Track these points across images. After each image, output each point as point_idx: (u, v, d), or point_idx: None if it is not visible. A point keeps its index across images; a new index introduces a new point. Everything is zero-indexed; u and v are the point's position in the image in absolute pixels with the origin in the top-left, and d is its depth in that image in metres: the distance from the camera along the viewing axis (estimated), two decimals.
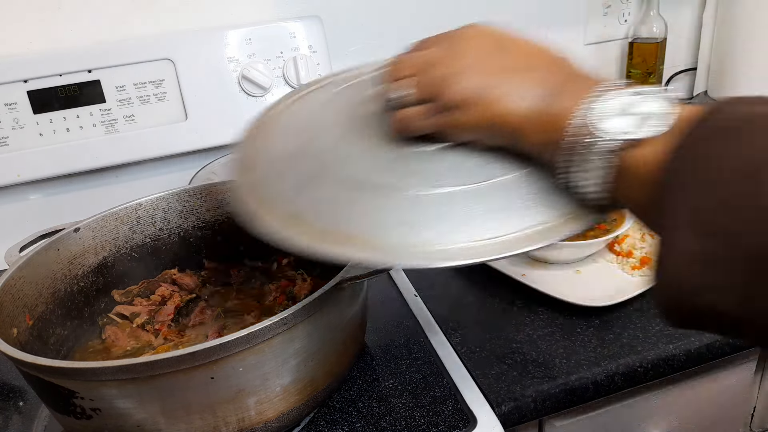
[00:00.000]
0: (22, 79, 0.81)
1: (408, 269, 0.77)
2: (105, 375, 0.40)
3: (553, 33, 1.16)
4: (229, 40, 0.90)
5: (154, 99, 0.88)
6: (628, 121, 0.32)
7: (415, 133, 0.42)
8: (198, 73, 0.89)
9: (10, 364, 0.45)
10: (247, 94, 0.92)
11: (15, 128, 0.83)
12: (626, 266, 0.70)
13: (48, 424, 0.57)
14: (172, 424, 0.43)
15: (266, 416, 0.46)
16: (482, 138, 0.40)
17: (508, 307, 0.67)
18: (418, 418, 0.52)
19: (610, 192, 0.34)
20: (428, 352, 0.61)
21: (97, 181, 0.91)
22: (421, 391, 0.56)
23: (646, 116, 0.32)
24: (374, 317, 0.68)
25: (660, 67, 1.18)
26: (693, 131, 0.29)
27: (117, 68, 0.85)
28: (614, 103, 0.33)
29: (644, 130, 0.31)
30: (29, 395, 0.61)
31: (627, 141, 0.32)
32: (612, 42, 1.22)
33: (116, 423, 0.43)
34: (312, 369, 0.47)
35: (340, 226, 0.38)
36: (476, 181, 0.39)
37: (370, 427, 0.52)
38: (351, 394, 0.56)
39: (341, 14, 1.02)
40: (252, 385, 0.44)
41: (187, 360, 0.40)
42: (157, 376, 0.40)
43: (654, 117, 0.31)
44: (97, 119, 0.86)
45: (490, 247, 0.36)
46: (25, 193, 0.89)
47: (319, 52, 0.94)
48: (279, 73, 0.93)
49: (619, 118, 0.32)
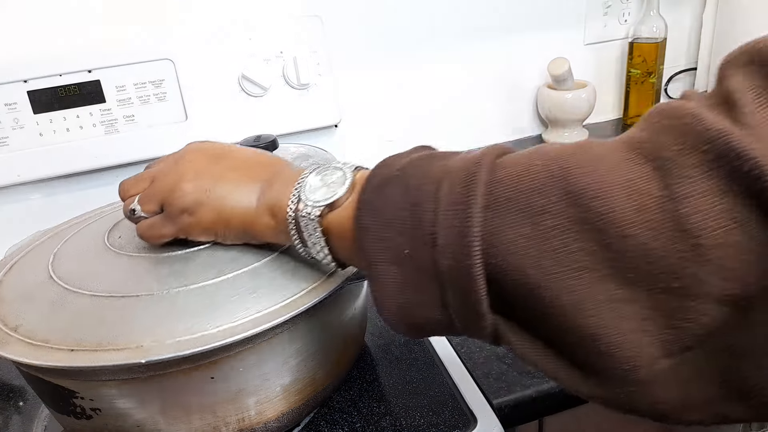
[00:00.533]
0: (22, 79, 0.82)
1: None
2: (105, 375, 0.40)
3: (553, 33, 1.16)
4: (229, 40, 0.90)
5: (154, 99, 0.88)
6: (323, 192, 0.38)
7: (160, 241, 0.47)
8: (198, 73, 0.89)
9: (9, 364, 0.45)
10: (248, 94, 0.92)
11: (15, 128, 0.83)
12: None
13: (48, 424, 0.57)
14: (172, 424, 0.43)
15: (266, 416, 0.46)
16: (222, 236, 0.45)
17: None
18: (418, 418, 0.52)
19: (333, 254, 0.40)
20: (428, 352, 0.61)
21: (97, 181, 0.91)
22: (421, 391, 0.56)
23: (333, 184, 0.39)
24: (374, 317, 0.68)
25: (660, 67, 1.18)
26: (366, 186, 0.36)
27: (117, 68, 0.85)
28: (314, 180, 0.40)
29: (333, 194, 0.38)
30: (29, 395, 0.61)
31: (325, 207, 0.38)
32: (612, 42, 1.22)
33: (116, 423, 0.43)
34: (312, 369, 0.47)
35: (93, 336, 0.40)
36: (229, 271, 0.44)
37: (370, 427, 0.52)
38: (351, 394, 0.56)
39: (341, 14, 1.02)
40: (252, 385, 0.44)
41: (187, 360, 0.39)
42: (156, 376, 0.40)
43: (337, 183, 0.38)
44: (97, 119, 0.86)
45: (250, 323, 0.40)
46: (25, 193, 0.89)
47: (319, 52, 0.94)
48: (279, 73, 0.93)
49: (318, 190, 0.39)
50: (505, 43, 1.14)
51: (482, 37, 1.12)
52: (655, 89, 1.19)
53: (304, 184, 0.40)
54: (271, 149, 0.76)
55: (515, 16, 1.12)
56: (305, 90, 0.95)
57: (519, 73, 1.18)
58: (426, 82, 1.12)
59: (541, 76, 1.19)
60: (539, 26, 1.15)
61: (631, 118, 1.24)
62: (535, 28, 1.15)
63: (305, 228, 0.39)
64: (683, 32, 1.27)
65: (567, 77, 1.11)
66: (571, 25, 1.17)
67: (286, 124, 0.95)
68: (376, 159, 0.38)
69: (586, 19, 1.17)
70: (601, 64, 1.23)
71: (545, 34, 1.16)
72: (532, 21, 1.14)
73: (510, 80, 1.18)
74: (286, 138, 0.95)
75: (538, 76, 1.19)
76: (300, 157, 0.80)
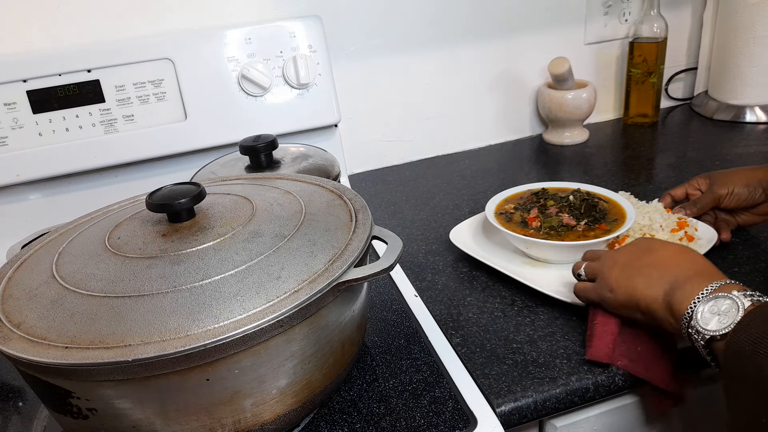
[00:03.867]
0: (22, 78, 0.81)
1: (406, 270, 0.77)
2: (100, 375, 0.40)
3: (554, 32, 1.16)
4: (228, 40, 0.90)
5: (154, 99, 0.87)
6: (714, 323, 0.46)
7: (584, 300, 0.61)
8: (197, 73, 0.89)
9: (9, 365, 0.45)
10: (247, 93, 0.92)
11: (14, 128, 0.83)
12: None
13: (47, 425, 0.57)
14: (168, 425, 0.43)
15: (262, 418, 0.46)
16: (632, 315, 0.56)
17: (508, 308, 0.67)
18: (418, 419, 0.52)
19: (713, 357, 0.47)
20: (428, 353, 0.61)
21: (96, 181, 0.91)
22: (421, 392, 0.55)
23: (725, 314, 0.45)
24: (374, 317, 0.67)
25: (660, 66, 1.17)
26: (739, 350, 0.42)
27: (116, 68, 0.85)
28: (711, 307, 0.47)
29: (718, 330, 0.45)
30: (29, 395, 0.61)
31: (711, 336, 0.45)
32: (612, 42, 1.22)
33: (112, 423, 0.43)
34: (309, 372, 0.47)
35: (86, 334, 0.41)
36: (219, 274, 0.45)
37: (370, 427, 0.52)
38: (351, 395, 0.56)
39: (341, 14, 1.02)
40: (248, 387, 0.43)
41: (182, 361, 0.39)
42: (152, 377, 0.40)
43: (728, 315, 0.45)
44: (96, 119, 0.86)
45: (233, 324, 0.41)
46: (24, 193, 0.88)
47: (319, 52, 0.94)
48: (279, 73, 0.92)
49: (711, 318, 0.46)
50: (505, 43, 1.14)
51: (482, 37, 1.12)
52: (655, 89, 1.19)
53: (696, 312, 0.47)
54: (271, 149, 0.76)
55: (515, 15, 1.12)
56: (305, 90, 0.94)
57: (519, 72, 1.18)
58: (426, 82, 1.12)
59: (541, 75, 1.19)
60: (539, 26, 1.15)
61: (631, 118, 1.23)
62: (536, 27, 1.14)
63: (694, 341, 0.48)
64: (684, 32, 1.27)
65: (567, 77, 1.11)
66: (571, 24, 1.17)
67: (286, 124, 0.94)
68: (376, 159, 0.38)
69: (586, 19, 1.17)
70: (602, 63, 1.23)
71: (545, 34, 1.16)
72: (532, 20, 1.14)
73: (510, 80, 1.18)
74: (285, 138, 0.95)
75: (538, 75, 1.19)
76: (300, 157, 0.80)
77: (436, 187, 1.03)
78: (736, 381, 0.41)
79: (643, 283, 0.54)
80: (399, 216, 0.94)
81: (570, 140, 1.17)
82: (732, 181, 0.73)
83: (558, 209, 0.76)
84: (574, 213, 0.75)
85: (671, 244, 0.57)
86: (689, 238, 0.71)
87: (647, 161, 1.05)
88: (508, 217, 0.77)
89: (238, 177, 0.68)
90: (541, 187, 0.82)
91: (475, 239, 0.80)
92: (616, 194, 0.78)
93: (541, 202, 0.78)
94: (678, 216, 0.75)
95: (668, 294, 0.51)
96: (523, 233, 0.72)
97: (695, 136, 1.14)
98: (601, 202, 0.76)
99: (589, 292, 0.60)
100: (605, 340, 0.56)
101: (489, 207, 0.79)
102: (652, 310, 0.53)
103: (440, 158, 1.17)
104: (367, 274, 0.46)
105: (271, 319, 0.41)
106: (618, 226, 0.71)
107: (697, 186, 0.78)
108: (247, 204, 0.55)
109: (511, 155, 1.16)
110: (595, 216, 0.74)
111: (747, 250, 0.73)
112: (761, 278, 0.67)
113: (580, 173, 1.03)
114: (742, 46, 1.14)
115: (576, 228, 0.72)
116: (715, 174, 0.76)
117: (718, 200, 0.74)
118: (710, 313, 0.46)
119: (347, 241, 0.50)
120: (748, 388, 0.39)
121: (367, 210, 0.55)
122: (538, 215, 0.75)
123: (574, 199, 0.77)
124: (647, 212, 0.75)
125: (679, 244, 0.58)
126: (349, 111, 1.08)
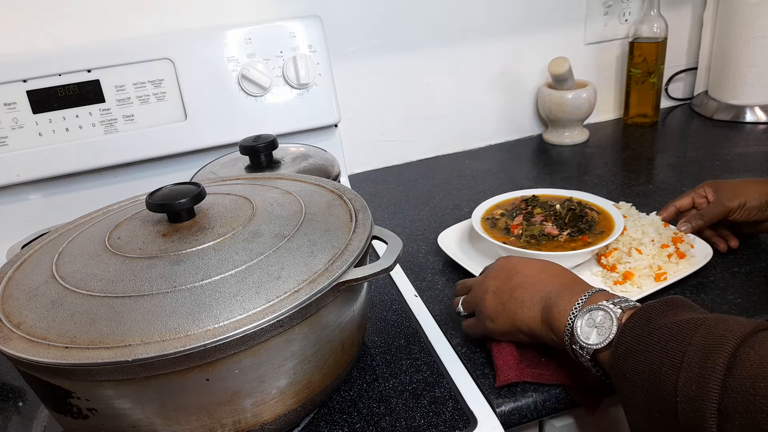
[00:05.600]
0: (22, 78, 0.81)
1: (406, 271, 0.77)
2: (100, 375, 0.40)
3: (554, 32, 1.16)
4: (228, 40, 0.90)
5: (154, 99, 0.87)
6: (594, 336, 0.47)
7: (476, 336, 0.61)
8: (198, 73, 0.89)
9: (9, 365, 0.45)
10: (247, 93, 0.92)
11: (14, 128, 0.83)
12: (609, 280, 0.68)
13: (47, 425, 0.57)
14: (168, 425, 0.43)
15: (263, 418, 0.46)
16: (518, 339, 0.56)
17: None
18: (419, 419, 0.52)
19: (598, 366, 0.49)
20: (428, 353, 0.61)
21: (96, 181, 0.91)
22: (421, 392, 0.55)
23: (601, 328, 0.47)
24: (374, 318, 0.67)
25: (660, 66, 1.17)
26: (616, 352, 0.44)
27: (116, 68, 0.85)
28: (587, 321, 0.48)
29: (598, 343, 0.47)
30: (29, 395, 0.61)
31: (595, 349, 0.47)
32: (612, 42, 1.22)
33: (112, 423, 0.43)
34: (309, 372, 0.47)
35: (86, 334, 0.41)
36: (219, 274, 0.45)
37: (370, 427, 0.52)
38: (351, 395, 0.56)
39: (341, 14, 1.02)
40: (248, 387, 0.43)
41: (182, 361, 0.39)
42: (152, 377, 0.40)
43: (604, 328, 0.47)
44: (96, 119, 0.86)
45: (232, 325, 0.41)
46: (24, 193, 0.88)
47: (319, 52, 0.94)
48: (279, 73, 0.92)
49: (590, 332, 0.48)
50: (505, 43, 1.14)
51: (482, 37, 1.12)
52: (655, 89, 1.19)
53: (575, 327, 0.48)
54: (271, 149, 0.76)
55: (515, 15, 1.12)
56: (305, 90, 0.94)
57: (519, 72, 1.18)
58: (426, 82, 1.12)
59: (541, 75, 1.19)
60: (539, 26, 1.15)
61: (631, 118, 1.23)
62: (535, 27, 1.14)
63: (579, 355, 0.49)
64: (684, 32, 1.27)
65: (567, 77, 1.11)
66: (571, 24, 1.17)
67: (285, 124, 0.94)
68: (376, 159, 0.38)
69: (586, 19, 1.17)
70: (602, 63, 1.23)
71: (545, 34, 1.16)
72: (532, 20, 1.14)
73: (510, 80, 1.18)
74: (285, 138, 0.95)
75: (538, 75, 1.19)
76: (300, 157, 0.80)
77: (436, 187, 1.03)
78: (626, 384, 0.43)
79: (518, 307, 0.54)
80: (399, 216, 0.94)
81: (570, 140, 1.17)
82: (743, 193, 0.70)
83: (543, 218, 0.75)
84: (558, 222, 0.74)
85: (533, 261, 0.57)
86: (680, 255, 0.69)
87: (647, 161, 1.05)
88: (493, 222, 0.77)
89: (238, 177, 0.68)
90: (532, 194, 0.81)
91: (460, 245, 0.80)
92: (610, 205, 0.76)
93: (528, 209, 0.78)
94: (674, 231, 0.72)
95: (544, 312, 0.52)
96: (503, 240, 0.72)
97: (695, 136, 1.15)
98: (591, 213, 0.75)
99: (474, 328, 0.60)
100: (507, 362, 0.56)
101: (476, 212, 0.78)
102: (534, 331, 0.53)
103: (440, 158, 1.17)
104: (367, 274, 0.46)
105: (271, 319, 0.41)
106: (602, 238, 0.70)
107: (703, 194, 0.74)
108: (247, 204, 0.55)
109: (511, 155, 1.16)
110: (580, 227, 0.72)
111: (747, 250, 0.73)
112: (761, 278, 0.67)
113: (580, 173, 1.03)
114: (742, 46, 1.14)
115: (557, 238, 0.71)
116: (722, 184, 0.73)
117: (728, 213, 0.70)
118: (588, 327, 0.48)
119: (347, 241, 0.50)
120: (636, 390, 0.42)
121: (367, 210, 0.55)
122: (521, 223, 0.75)
123: (560, 209, 0.76)
124: (642, 225, 0.73)
125: (541, 260, 0.58)
126: (349, 111, 1.08)
